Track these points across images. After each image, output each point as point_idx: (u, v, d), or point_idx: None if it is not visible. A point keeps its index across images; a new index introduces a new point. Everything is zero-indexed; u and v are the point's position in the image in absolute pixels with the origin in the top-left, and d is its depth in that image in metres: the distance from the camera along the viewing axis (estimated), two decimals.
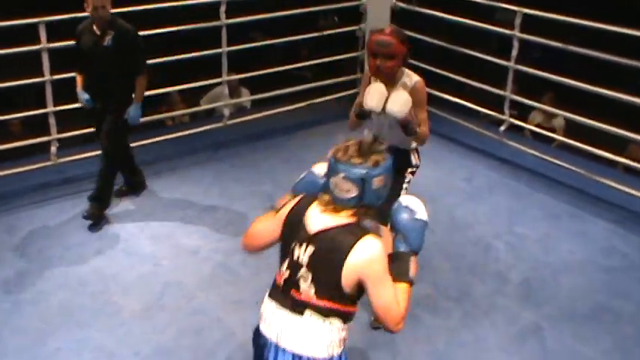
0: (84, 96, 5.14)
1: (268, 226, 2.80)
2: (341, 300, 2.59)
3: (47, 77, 5.72)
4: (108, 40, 4.99)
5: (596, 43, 5.79)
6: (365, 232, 2.56)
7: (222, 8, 6.31)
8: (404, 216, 2.65)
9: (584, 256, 4.97)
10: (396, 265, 2.59)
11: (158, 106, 7.39)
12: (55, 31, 5.64)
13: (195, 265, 4.78)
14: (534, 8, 6.02)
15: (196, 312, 4.33)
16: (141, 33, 5.41)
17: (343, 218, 2.58)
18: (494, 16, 7.79)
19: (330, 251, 2.54)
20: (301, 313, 2.63)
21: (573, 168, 5.79)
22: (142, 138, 6.03)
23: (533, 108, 7.04)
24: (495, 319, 4.30)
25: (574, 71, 6.00)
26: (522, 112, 7.13)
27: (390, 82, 3.78)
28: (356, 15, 7.28)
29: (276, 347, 2.68)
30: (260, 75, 6.98)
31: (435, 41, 6.86)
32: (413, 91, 3.75)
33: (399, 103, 3.66)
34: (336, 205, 2.59)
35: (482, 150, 6.43)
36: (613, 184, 5.57)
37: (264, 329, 2.75)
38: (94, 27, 5.00)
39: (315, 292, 2.59)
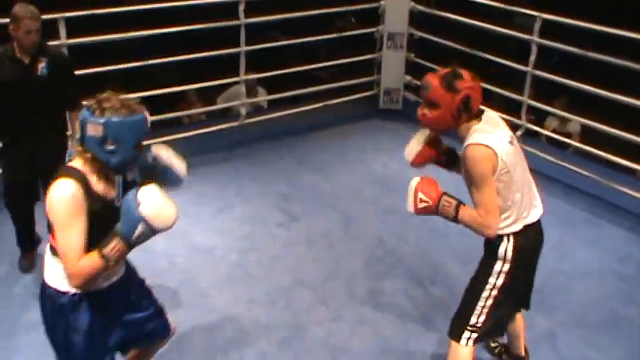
0: None
1: None
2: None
3: None
4: (41, 69, 4.24)
5: (612, 48, 5.76)
6: (65, 174, 2.66)
7: (242, 7, 6.33)
8: (133, 202, 2.61)
9: (600, 263, 4.94)
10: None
11: (175, 104, 7.41)
12: (75, 28, 5.66)
13: (209, 264, 4.79)
14: (553, 13, 6.00)
15: (210, 310, 4.33)
16: (159, 31, 5.35)
17: (77, 158, 2.75)
18: (512, 21, 7.78)
19: None
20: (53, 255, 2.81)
21: (589, 174, 5.75)
22: (158, 135, 6.03)
23: (549, 113, 7.01)
24: None
25: (590, 77, 5.97)
26: (539, 117, 7.10)
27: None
28: (373, 16, 7.28)
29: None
30: (277, 75, 6.99)
31: (452, 44, 6.84)
32: (462, 159, 3.16)
33: (407, 148, 3.50)
34: None
35: None
36: (630, 191, 5.53)
37: None
38: (18, 54, 4.21)
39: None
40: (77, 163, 2.72)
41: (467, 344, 3.38)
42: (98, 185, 2.72)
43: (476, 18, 6.68)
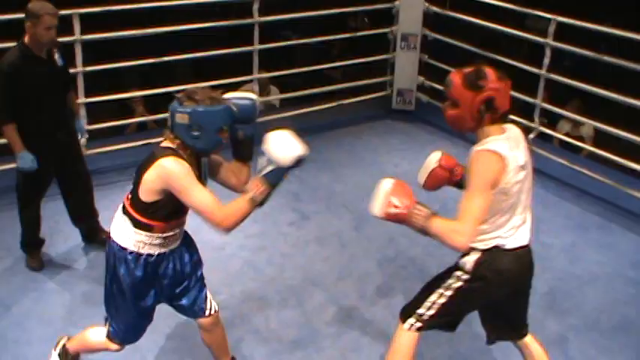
0: (29, 157, 4.32)
1: None
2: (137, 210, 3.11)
3: (80, 69, 5.75)
4: (58, 59, 4.38)
5: (625, 52, 5.74)
6: (168, 153, 3.01)
7: (256, 6, 6.33)
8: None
9: (612, 268, 4.92)
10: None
11: None
12: (89, 24, 5.68)
13: (220, 261, 4.80)
14: (567, 16, 5.98)
15: (220, 308, 4.28)
16: (174, 28, 5.37)
17: (167, 142, 3.08)
18: (524, 23, 7.76)
19: (139, 167, 3.08)
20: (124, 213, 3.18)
21: (602, 179, 5.73)
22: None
23: (561, 116, 6.99)
24: None
25: (603, 80, 5.95)
26: (551, 120, 7.08)
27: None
28: (386, 17, 7.27)
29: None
30: (290, 74, 6.99)
31: (466, 46, 6.83)
32: (468, 163, 3.06)
33: (419, 171, 3.48)
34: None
35: None
36: None
37: None
38: (35, 52, 4.25)
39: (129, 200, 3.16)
40: (168, 144, 3.08)
41: (409, 329, 3.33)
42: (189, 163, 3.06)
43: (489, 20, 6.66)
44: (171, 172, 2.98)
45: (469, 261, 3.19)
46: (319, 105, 7.03)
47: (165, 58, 6.16)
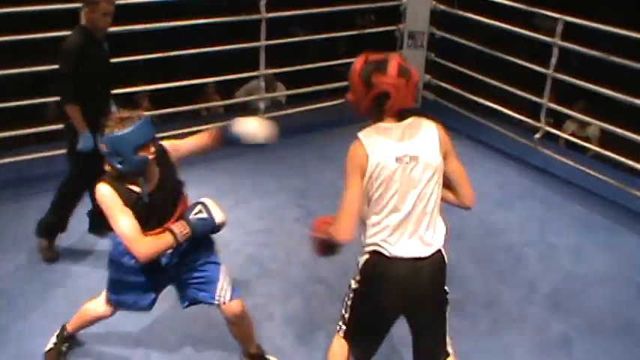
0: (91, 137, 4.38)
1: None
2: None
3: None
4: (105, 45, 4.58)
5: (631, 52, 5.72)
6: (101, 178, 3.18)
7: (263, 2, 6.33)
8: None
9: (617, 269, 4.91)
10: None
11: (194, 97, 7.42)
12: None
13: (224, 257, 4.73)
14: (574, 16, 5.96)
15: None
16: (180, 23, 5.39)
17: (107, 166, 3.20)
18: (531, 22, 7.74)
19: None
20: None
21: (608, 179, 5.72)
22: (176, 128, 6.05)
23: (567, 116, 6.98)
24: (523, 328, 4.27)
25: (610, 80, 5.94)
26: (557, 120, 7.07)
27: None
28: (393, 14, 7.26)
29: None
30: (296, 70, 6.98)
31: (473, 44, 6.82)
32: None
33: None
34: None
35: (515, 157, 6.38)
36: None
37: None
38: (94, 37, 4.44)
39: None
40: (107, 168, 3.20)
41: (338, 332, 3.23)
42: (129, 186, 3.20)
43: (497, 19, 6.65)
44: (99, 197, 3.17)
45: (359, 261, 3.10)
46: (325, 102, 7.02)
47: (172, 53, 6.15)
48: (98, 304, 3.66)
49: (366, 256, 3.05)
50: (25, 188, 5.51)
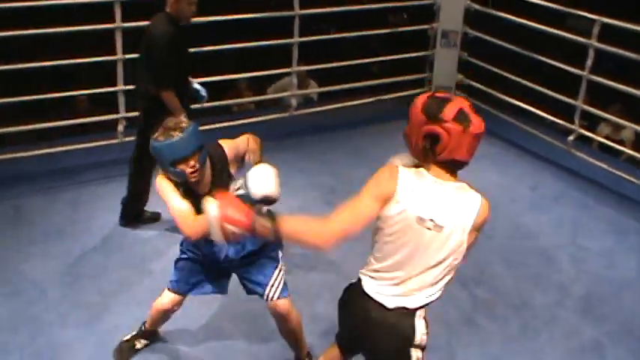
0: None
1: None
2: None
3: (119, 56, 5.78)
4: (188, 32, 4.76)
5: None
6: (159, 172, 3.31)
7: None
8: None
9: None
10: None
11: (225, 92, 7.43)
12: (130, 12, 5.71)
13: None
14: (608, 16, 5.88)
15: (253, 299, 4.29)
16: (215, 18, 5.38)
17: None
18: (565, 23, 7.65)
19: None
20: None
21: None
22: (207, 123, 6.07)
23: (601, 119, 6.89)
24: (554, 332, 4.22)
25: None
26: (591, 122, 6.99)
27: None
28: (425, 13, 7.22)
29: None
30: (328, 67, 6.97)
31: (506, 44, 6.76)
32: None
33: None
34: None
35: (549, 159, 6.31)
36: None
37: None
38: (179, 24, 4.60)
39: None
40: None
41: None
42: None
43: (531, 19, 6.58)
44: (157, 187, 3.30)
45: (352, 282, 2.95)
46: (357, 100, 7.00)
47: (206, 48, 6.16)
48: (162, 296, 3.68)
49: (357, 279, 2.89)
50: (56, 180, 5.54)
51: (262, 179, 3.12)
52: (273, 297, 3.55)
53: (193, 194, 3.26)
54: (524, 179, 6.00)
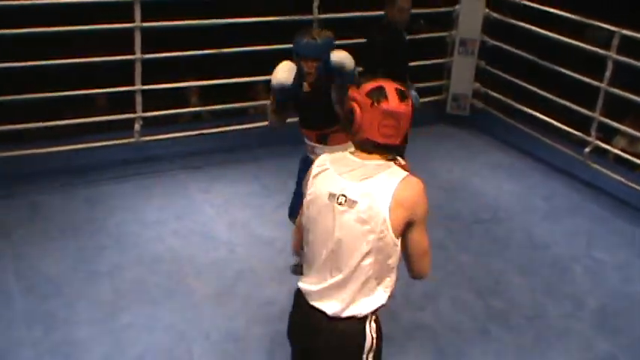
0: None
1: None
2: None
3: (138, 55, 5.80)
4: (405, 34, 5.31)
5: None
6: None
7: (316, 3, 6.33)
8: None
9: None
10: None
11: (243, 94, 7.43)
12: (149, 11, 5.73)
13: (269, 255, 4.80)
14: (630, 29, 5.87)
15: (267, 302, 4.34)
16: (233, 20, 5.40)
17: None
18: (583, 34, 7.63)
19: None
20: None
21: None
22: (224, 124, 6.09)
23: (617, 131, 6.86)
24: (568, 344, 4.21)
25: None
26: (607, 134, 6.96)
27: None
28: (442, 20, 7.22)
29: None
30: None
31: (524, 54, 6.75)
32: None
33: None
34: None
35: (564, 170, 6.28)
36: None
37: None
38: (396, 28, 5.15)
39: None
40: None
41: None
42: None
43: (550, 29, 6.56)
44: None
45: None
46: None
47: (224, 50, 6.17)
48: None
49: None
50: (74, 177, 5.57)
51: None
52: None
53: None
54: (539, 189, 5.99)
